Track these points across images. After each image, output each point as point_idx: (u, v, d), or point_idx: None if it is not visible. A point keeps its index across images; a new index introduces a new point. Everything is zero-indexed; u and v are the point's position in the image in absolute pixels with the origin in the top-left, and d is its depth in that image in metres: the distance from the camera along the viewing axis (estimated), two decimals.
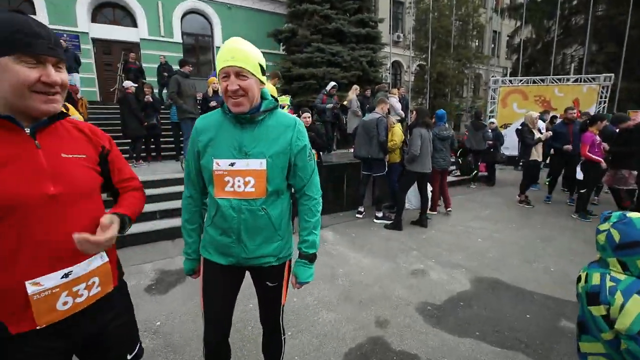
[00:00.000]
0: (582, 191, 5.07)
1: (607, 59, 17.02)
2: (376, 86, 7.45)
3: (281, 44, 12.59)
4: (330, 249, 3.87)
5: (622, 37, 15.42)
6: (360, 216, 5.04)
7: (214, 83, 6.16)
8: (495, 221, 4.91)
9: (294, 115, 1.51)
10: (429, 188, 4.66)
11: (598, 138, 4.83)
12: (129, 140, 6.57)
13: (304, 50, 10.84)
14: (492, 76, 16.03)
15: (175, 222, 4.24)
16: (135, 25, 12.09)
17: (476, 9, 15.87)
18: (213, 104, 5.69)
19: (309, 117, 4.13)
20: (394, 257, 3.64)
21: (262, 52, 1.42)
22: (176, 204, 4.60)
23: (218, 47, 13.95)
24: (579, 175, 5.36)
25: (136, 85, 6.75)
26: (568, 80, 11.40)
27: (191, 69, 5.35)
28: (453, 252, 3.76)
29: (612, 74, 10.96)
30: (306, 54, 10.70)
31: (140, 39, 12.02)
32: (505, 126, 11.18)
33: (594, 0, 15.98)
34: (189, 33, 13.40)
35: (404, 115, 7.74)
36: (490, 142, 7.20)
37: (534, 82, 11.47)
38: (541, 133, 5.83)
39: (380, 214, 4.80)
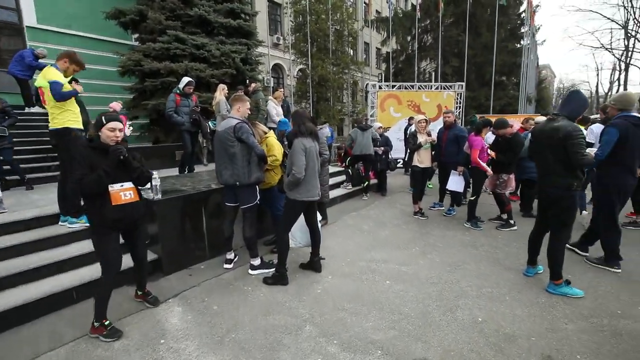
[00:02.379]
0: (471, 198, 4.81)
1: (453, 72, 20.14)
2: (251, 84, 6.01)
3: (129, 30, 9.84)
4: (167, 352, 2.23)
5: (463, 54, 18.39)
6: (230, 266, 3.51)
7: None
8: (397, 246, 4.13)
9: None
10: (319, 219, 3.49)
11: (486, 143, 4.62)
12: None
13: (158, 39, 8.56)
14: (369, 81, 16.83)
15: None
16: None
17: (350, 16, 16.27)
18: None
19: (118, 131, 2.28)
20: (277, 348, 2.27)
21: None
22: None
23: (30, 28, 10.15)
24: (450, 184, 5.19)
25: None
26: (431, 87, 12.45)
27: None
28: (360, 315, 2.63)
29: (464, 83, 12.49)
30: (161, 44, 8.45)
31: None
32: (385, 130, 11.45)
33: (440, 22, 18.60)
34: None
35: None
36: (382, 148, 6.70)
37: (406, 87, 12.13)
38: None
39: (256, 262, 3.38)
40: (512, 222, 4.73)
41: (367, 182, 6.57)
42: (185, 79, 5.23)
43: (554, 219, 2.92)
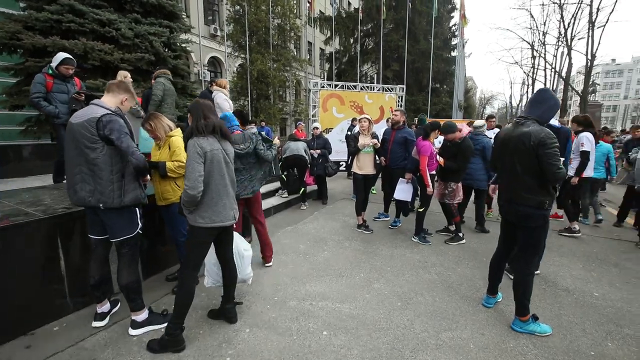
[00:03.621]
0: (419, 210, 4.32)
1: (393, 76, 20.60)
2: (156, 71, 4.80)
3: None
4: None
5: (403, 59, 18.84)
6: (103, 323, 2.41)
7: None
8: (339, 273, 3.40)
9: None
10: (240, 245, 2.58)
11: (435, 148, 4.15)
12: None
13: (45, 8, 6.76)
14: (311, 80, 16.17)
15: None
16: None
17: (291, 9, 15.44)
18: None
19: None
20: None
21: None
22: None
23: None
24: (397, 193, 4.57)
25: None
26: (374, 89, 12.22)
27: None
28: None
29: (404, 86, 12.51)
30: (47, 13, 6.68)
31: None
32: (328, 130, 10.89)
33: (381, 26, 18.82)
34: None
35: None
36: (318, 151, 5.98)
37: (348, 87, 11.70)
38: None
39: (140, 316, 2.33)
40: (460, 234, 4.35)
41: (304, 189, 5.80)
42: (61, 55, 3.87)
43: (522, 243, 2.43)
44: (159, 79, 4.51)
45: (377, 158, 4.73)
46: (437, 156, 4.16)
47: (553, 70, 28.52)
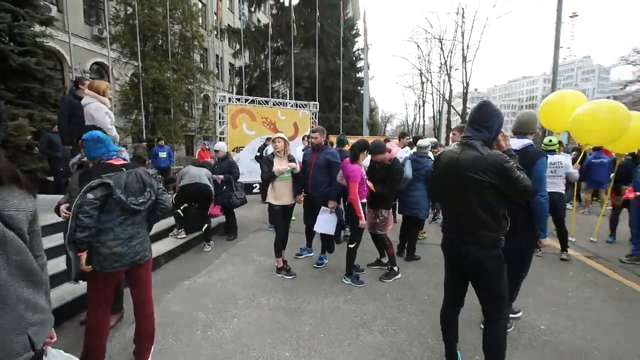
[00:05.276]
0: (350, 246, 3.62)
1: (305, 93, 20.62)
2: None
3: None
4: None
5: (314, 77, 19.00)
6: None
7: None
8: (254, 357, 2.39)
9: None
10: None
11: (364, 172, 3.54)
12: None
13: None
14: (219, 94, 14.75)
15: None
16: None
17: (193, 16, 13.93)
18: None
19: None
20: None
21: None
22: None
23: None
24: (318, 225, 3.79)
25: None
26: (287, 104, 11.63)
27: None
28: None
29: (318, 103, 12.25)
30: None
31: None
32: (239, 149, 9.77)
33: (292, 43, 18.72)
34: None
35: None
36: (221, 176, 4.87)
37: (260, 102, 10.82)
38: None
39: None
40: (395, 268, 3.81)
41: (207, 225, 4.58)
42: None
43: (483, 296, 1.90)
44: None
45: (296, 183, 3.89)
46: (367, 181, 3.56)
47: (439, 94, 33.05)
